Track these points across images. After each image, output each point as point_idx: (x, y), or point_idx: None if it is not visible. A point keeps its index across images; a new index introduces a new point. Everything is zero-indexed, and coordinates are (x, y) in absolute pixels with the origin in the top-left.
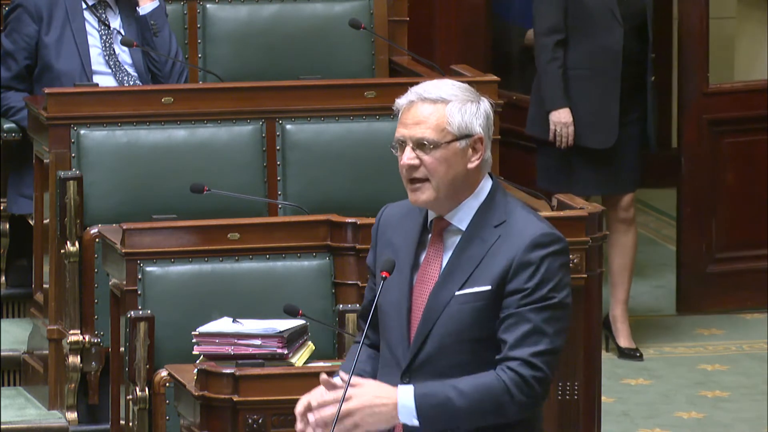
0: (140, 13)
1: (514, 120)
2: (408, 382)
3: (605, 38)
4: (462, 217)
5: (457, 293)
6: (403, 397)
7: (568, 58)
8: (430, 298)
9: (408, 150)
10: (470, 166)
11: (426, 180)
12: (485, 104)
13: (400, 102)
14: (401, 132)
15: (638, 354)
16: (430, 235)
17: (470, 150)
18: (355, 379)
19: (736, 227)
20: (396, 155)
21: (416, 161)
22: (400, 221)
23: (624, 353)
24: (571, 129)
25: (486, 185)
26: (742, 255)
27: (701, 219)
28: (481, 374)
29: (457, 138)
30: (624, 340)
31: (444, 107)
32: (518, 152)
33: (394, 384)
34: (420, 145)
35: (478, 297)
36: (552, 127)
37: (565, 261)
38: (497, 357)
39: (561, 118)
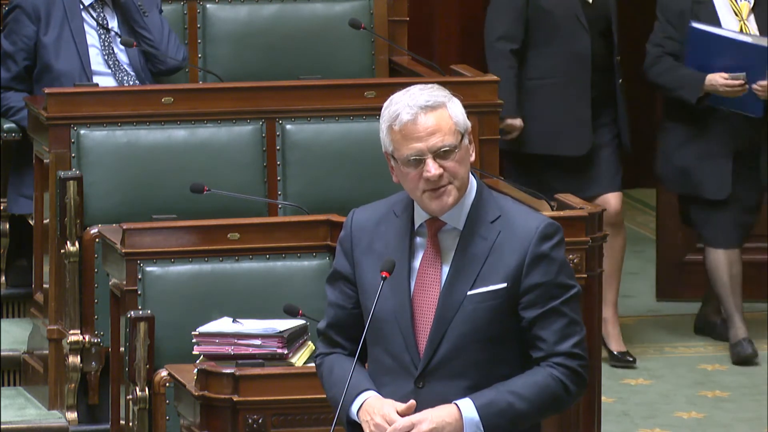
0: None
1: None
2: (422, 387)
3: (572, 45)
4: (456, 217)
5: (469, 293)
6: (467, 412)
7: (535, 68)
8: (441, 300)
9: (430, 162)
10: (472, 159)
11: (449, 183)
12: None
13: (404, 118)
14: (416, 147)
15: (631, 358)
16: (418, 239)
17: (469, 144)
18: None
19: None
20: (404, 171)
21: (441, 170)
22: (375, 227)
23: (616, 357)
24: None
25: (472, 183)
26: None
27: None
28: (530, 374)
29: (463, 135)
30: (615, 344)
31: (446, 110)
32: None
33: (405, 390)
34: (440, 153)
35: (493, 295)
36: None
37: (565, 248)
38: (540, 354)
39: (516, 124)
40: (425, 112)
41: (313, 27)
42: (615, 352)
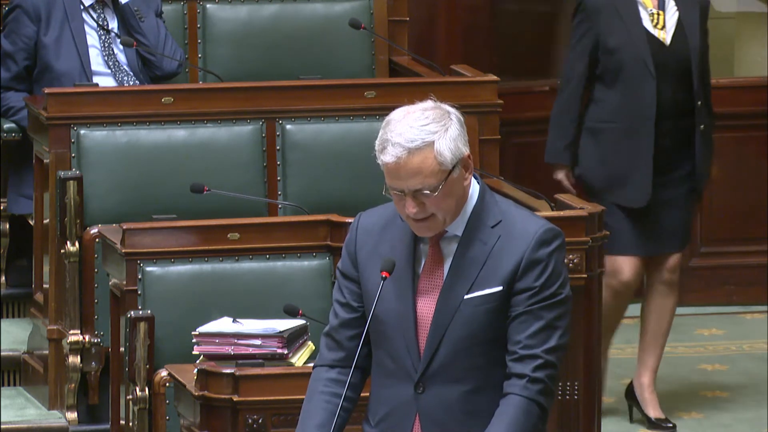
0: (121, 2)
1: (515, 108)
2: (422, 392)
3: (636, 91)
4: (457, 224)
5: (466, 297)
6: None
7: (599, 110)
8: (438, 304)
9: (409, 201)
10: (465, 183)
11: (431, 215)
12: (455, 114)
13: (385, 159)
14: (396, 184)
15: (671, 425)
16: (422, 245)
17: (462, 170)
18: None
19: (720, 222)
20: (389, 196)
21: (419, 207)
22: (382, 231)
23: (654, 424)
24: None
25: (474, 188)
26: (726, 250)
27: None
28: (505, 409)
29: (451, 170)
30: (653, 411)
31: (432, 150)
32: (517, 149)
33: (406, 395)
34: (420, 194)
35: (490, 299)
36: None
37: (564, 254)
38: (508, 351)
39: (560, 177)
40: (408, 153)
41: (313, 27)
42: (653, 419)
